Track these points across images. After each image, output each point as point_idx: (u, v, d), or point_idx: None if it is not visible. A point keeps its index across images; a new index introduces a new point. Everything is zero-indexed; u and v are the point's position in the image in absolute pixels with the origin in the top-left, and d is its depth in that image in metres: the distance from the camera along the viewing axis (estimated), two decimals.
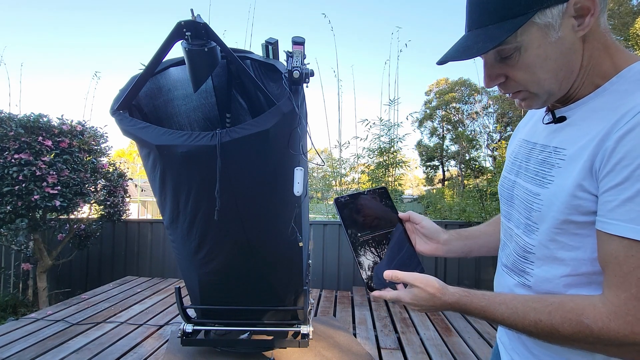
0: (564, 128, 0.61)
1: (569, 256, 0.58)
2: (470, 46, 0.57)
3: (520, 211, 0.67)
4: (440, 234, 0.83)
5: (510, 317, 0.58)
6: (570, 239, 0.57)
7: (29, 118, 3.41)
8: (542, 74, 0.57)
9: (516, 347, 0.72)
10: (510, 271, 0.71)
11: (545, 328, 0.55)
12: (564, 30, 0.54)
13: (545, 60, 0.56)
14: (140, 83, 1.54)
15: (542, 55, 0.56)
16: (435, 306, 0.64)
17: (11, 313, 3.87)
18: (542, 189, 0.61)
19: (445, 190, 18.72)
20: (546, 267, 0.62)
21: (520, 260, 0.67)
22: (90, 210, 4.34)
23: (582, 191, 0.54)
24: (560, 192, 0.57)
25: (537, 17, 0.53)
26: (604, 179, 0.51)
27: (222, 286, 1.89)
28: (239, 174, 1.47)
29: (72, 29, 57.61)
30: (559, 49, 0.55)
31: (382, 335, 2.75)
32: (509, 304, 0.59)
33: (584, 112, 0.58)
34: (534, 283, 0.64)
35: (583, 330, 0.52)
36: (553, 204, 0.58)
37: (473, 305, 0.62)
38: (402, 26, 5.56)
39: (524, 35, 0.55)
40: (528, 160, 0.67)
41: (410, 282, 0.66)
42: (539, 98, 0.60)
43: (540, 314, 0.55)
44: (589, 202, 0.54)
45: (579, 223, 0.56)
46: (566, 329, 0.53)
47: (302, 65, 1.45)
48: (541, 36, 0.54)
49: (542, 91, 0.59)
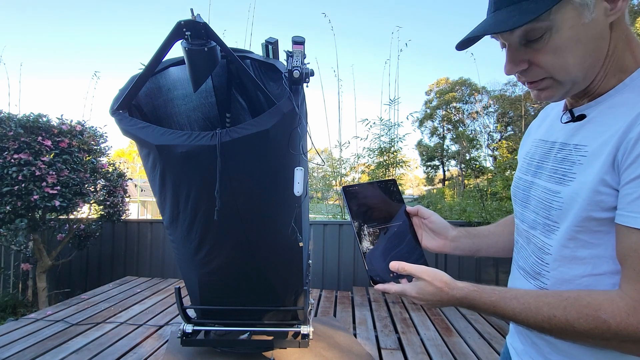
0: (584, 125, 0.59)
1: (589, 254, 0.56)
2: (504, 20, 0.54)
3: (537, 211, 0.65)
4: (449, 230, 0.81)
5: (522, 313, 0.56)
6: (591, 237, 0.56)
7: (28, 118, 3.41)
8: (572, 58, 0.54)
9: (530, 352, 0.69)
10: (526, 274, 0.69)
11: (560, 324, 0.53)
12: (598, 12, 0.52)
13: (576, 43, 0.53)
14: (140, 83, 1.54)
15: (574, 37, 0.53)
16: (442, 301, 0.62)
17: (11, 313, 3.87)
18: (562, 186, 0.59)
19: (446, 190, 18.71)
20: (564, 269, 0.60)
21: (537, 261, 0.65)
22: (89, 210, 4.33)
23: (605, 186, 0.52)
24: (582, 188, 0.55)
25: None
26: (625, 172, 0.50)
27: (222, 286, 1.89)
28: (239, 174, 1.46)
29: (72, 29, 57.65)
30: (590, 32, 0.53)
31: (383, 335, 2.75)
32: (520, 298, 0.57)
33: (605, 108, 0.57)
34: (551, 286, 0.62)
35: (600, 326, 0.50)
36: (575, 200, 0.56)
37: (482, 300, 0.59)
38: (403, 26, 5.55)
39: (558, 14, 0.52)
40: (546, 159, 0.66)
41: (417, 275, 0.64)
42: (563, 87, 0.58)
43: (554, 309, 0.53)
44: (610, 197, 0.52)
45: (600, 220, 0.54)
46: (582, 324, 0.51)
47: (302, 64, 1.44)
48: (575, 16, 0.52)
49: (568, 78, 0.56)
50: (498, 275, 3.92)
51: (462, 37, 0.59)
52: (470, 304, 0.60)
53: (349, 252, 4.19)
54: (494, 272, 3.94)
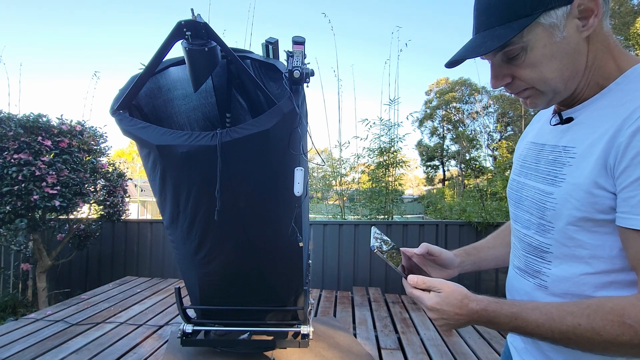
0: (572, 127, 0.62)
1: (588, 254, 0.58)
2: (479, 45, 0.60)
3: (531, 212, 0.67)
4: (455, 260, 0.84)
5: (545, 324, 0.55)
6: (588, 237, 0.57)
7: (28, 118, 3.41)
8: (549, 72, 0.58)
9: (531, 350, 0.70)
10: (524, 273, 0.70)
11: (586, 332, 0.51)
12: (569, 30, 0.56)
13: (550, 59, 0.58)
14: (140, 83, 1.54)
15: (548, 54, 0.57)
16: (460, 314, 0.60)
17: (11, 313, 3.86)
18: (555, 187, 0.61)
19: (446, 190, 18.74)
20: (564, 266, 0.61)
21: (536, 260, 0.66)
22: (89, 210, 4.33)
23: (599, 188, 0.54)
24: (575, 189, 0.57)
25: (542, 18, 0.55)
26: (621, 175, 0.51)
27: (222, 286, 1.89)
28: (239, 174, 1.46)
29: (72, 29, 57.62)
30: (564, 48, 0.57)
31: (383, 335, 2.75)
32: (542, 309, 0.56)
33: (591, 111, 0.59)
34: (551, 283, 0.63)
35: (627, 332, 0.49)
36: (568, 201, 0.58)
37: (503, 312, 0.58)
38: (403, 26, 5.55)
39: (530, 35, 0.57)
40: (538, 161, 0.68)
41: (437, 287, 0.63)
42: (545, 96, 0.62)
43: (578, 317, 0.52)
44: (606, 200, 0.54)
45: (597, 221, 0.55)
46: (608, 331, 0.50)
47: (302, 65, 1.44)
48: (547, 36, 0.56)
49: (549, 89, 0.60)
50: (498, 275, 3.92)
51: (449, 58, 0.66)
52: (490, 316, 0.59)
53: (349, 252, 4.19)
54: (493, 272, 3.94)
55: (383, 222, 4.33)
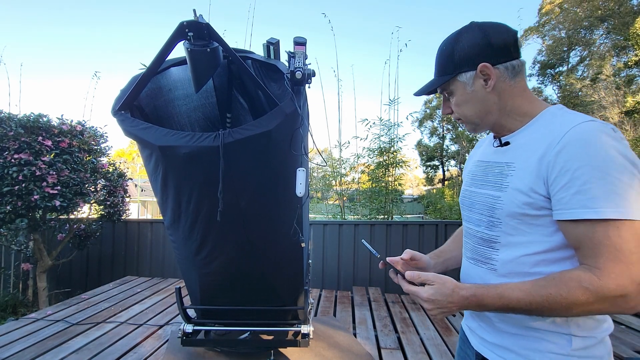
0: (510, 149, 0.83)
1: (525, 240, 0.77)
2: (426, 86, 0.89)
3: (482, 212, 0.86)
4: (430, 263, 1.02)
5: (525, 298, 0.69)
6: (526, 227, 0.76)
7: (28, 118, 3.41)
8: (467, 111, 0.85)
9: (483, 326, 0.87)
10: (477, 262, 0.88)
11: (556, 298, 0.66)
12: (476, 86, 0.81)
13: (466, 102, 0.84)
14: (142, 83, 1.53)
15: (464, 99, 0.84)
16: (452, 302, 0.74)
17: (11, 313, 3.86)
18: (501, 192, 0.80)
19: (445, 190, 18.74)
20: (508, 252, 0.80)
21: (486, 250, 0.85)
22: (90, 210, 4.33)
23: (534, 193, 0.73)
24: (517, 193, 0.76)
25: (458, 77, 0.83)
26: (553, 183, 0.70)
27: (223, 286, 1.89)
28: (241, 175, 1.47)
29: (72, 29, 57.53)
30: (474, 97, 0.82)
31: (382, 335, 2.75)
32: (520, 287, 0.71)
33: (522, 137, 0.81)
34: (499, 266, 0.81)
35: (584, 293, 0.65)
36: (512, 202, 0.77)
37: (490, 294, 0.72)
38: (403, 26, 5.56)
39: (453, 86, 0.85)
40: (486, 174, 0.88)
41: (430, 281, 0.77)
42: (471, 125, 0.88)
43: (548, 288, 0.68)
44: (539, 201, 0.73)
45: (532, 216, 0.75)
46: (572, 294, 0.65)
47: (304, 65, 1.45)
48: (462, 87, 0.83)
49: (469, 122, 0.87)
50: None
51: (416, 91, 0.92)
52: (478, 300, 0.73)
53: (348, 252, 4.19)
54: None
55: (383, 222, 4.33)
